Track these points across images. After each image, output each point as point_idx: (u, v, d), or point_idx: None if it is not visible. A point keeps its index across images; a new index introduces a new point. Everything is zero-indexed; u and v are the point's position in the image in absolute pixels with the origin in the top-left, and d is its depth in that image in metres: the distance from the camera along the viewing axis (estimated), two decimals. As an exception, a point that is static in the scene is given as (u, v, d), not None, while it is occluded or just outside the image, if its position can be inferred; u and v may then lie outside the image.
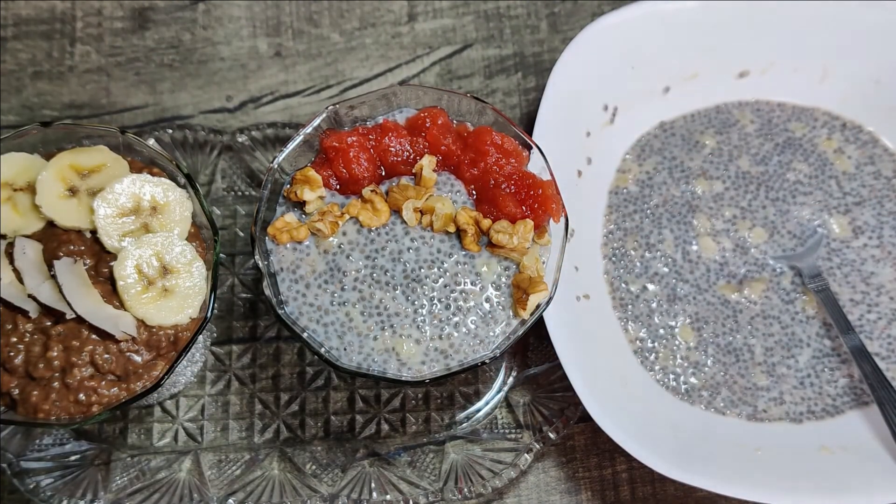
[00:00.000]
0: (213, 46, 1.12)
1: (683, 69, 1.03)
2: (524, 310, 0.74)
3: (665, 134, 1.05)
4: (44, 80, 1.09)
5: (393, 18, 1.14)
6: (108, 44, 1.11)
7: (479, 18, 1.14)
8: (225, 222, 1.01)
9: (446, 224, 0.76)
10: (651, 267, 0.98)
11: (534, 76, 1.11)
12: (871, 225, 0.99)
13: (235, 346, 0.97)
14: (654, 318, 0.96)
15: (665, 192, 1.01)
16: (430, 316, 0.75)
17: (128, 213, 0.75)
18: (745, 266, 0.98)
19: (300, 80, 1.11)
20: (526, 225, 0.75)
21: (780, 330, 0.95)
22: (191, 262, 0.76)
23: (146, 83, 1.10)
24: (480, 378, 0.96)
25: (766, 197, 1.01)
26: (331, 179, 0.79)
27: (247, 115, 1.09)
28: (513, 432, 0.94)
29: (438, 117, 0.79)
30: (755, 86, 1.05)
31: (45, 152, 0.78)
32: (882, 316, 0.95)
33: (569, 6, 1.15)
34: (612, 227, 1.00)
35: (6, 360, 0.71)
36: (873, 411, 0.90)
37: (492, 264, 0.77)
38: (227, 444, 0.93)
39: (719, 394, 0.93)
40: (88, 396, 0.72)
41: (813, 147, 1.03)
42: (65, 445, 0.91)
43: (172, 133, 1.01)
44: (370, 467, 0.92)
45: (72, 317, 0.71)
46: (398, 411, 0.95)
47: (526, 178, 0.78)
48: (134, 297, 0.73)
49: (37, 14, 1.13)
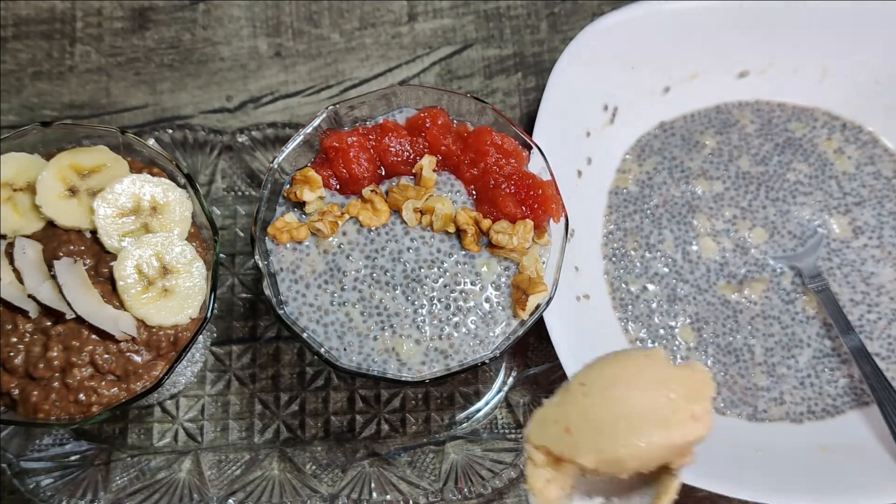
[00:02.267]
0: (213, 46, 1.12)
1: (683, 69, 1.03)
2: (524, 310, 0.74)
3: (665, 134, 1.05)
4: (44, 80, 1.09)
5: (393, 18, 1.14)
6: (108, 44, 1.11)
7: (479, 18, 1.14)
8: (225, 222, 1.01)
9: (446, 224, 0.76)
10: (651, 267, 0.98)
11: (534, 76, 1.11)
12: (871, 225, 0.99)
13: (235, 346, 0.97)
14: (654, 318, 0.96)
15: (665, 192, 1.01)
16: (430, 316, 0.75)
17: (128, 213, 0.75)
18: (746, 266, 0.98)
19: (300, 80, 1.11)
20: (526, 225, 0.75)
21: (780, 330, 0.95)
22: (191, 262, 0.76)
23: (146, 83, 1.10)
24: (480, 378, 0.96)
25: (766, 197, 1.01)
26: (331, 179, 0.79)
27: (247, 115, 1.09)
28: (513, 432, 0.94)
29: (438, 117, 0.79)
30: (755, 86, 1.05)
31: (45, 152, 0.78)
32: (882, 316, 0.95)
33: (569, 6, 1.15)
34: (612, 227, 1.00)
35: (6, 360, 0.71)
36: (873, 411, 0.90)
37: (492, 264, 0.77)
38: (227, 444, 0.93)
39: (719, 394, 0.93)
40: (88, 396, 0.72)
41: (813, 147, 1.03)
42: (65, 445, 0.91)
43: (172, 133, 1.01)
44: (370, 467, 0.92)
45: (72, 317, 0.71)
46: (398, 411, 0.95)
47: (526, 179, 0.78)
48: (134, 297, 0.73)
49: (37, 14, 1.13)
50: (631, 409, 0.56)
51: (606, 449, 0.54)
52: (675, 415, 0.55)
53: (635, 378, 0.57)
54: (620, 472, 0.55)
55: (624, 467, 0.55)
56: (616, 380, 0.58)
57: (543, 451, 0.57)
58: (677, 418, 0.55)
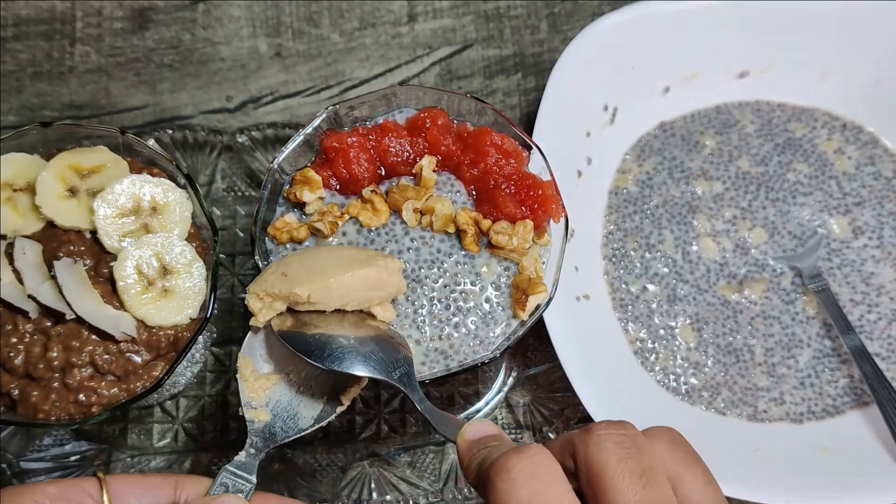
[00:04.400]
0: (213, 46, 1.12)
1: (683, 69, 1.03)
2: (523, 311, 0.74)
3: (665, 134, 1.05)
4: (44, 80, 1.09)
5: (393, 18, 1.14)
6: (108, 44, 1.11)
7: (479, 18, 1.14)
8: (225, 222, 1.01)
9: (446, 224, 0.76)
10: (651, 267, 0.98)
11: (534, 76, 1.11)
12: (871, 225, 0.99)
13: (235, 346, 0.97)
14: (654, 318, 0.96)
15: (665, 192, 1.01)
16: (430, 316, 0.75)
17: (128, 213, 0.75)
18: (746, 266, 0.98)
19: (300, 80, 1.11)
20: (526, 225, 0.75)
21: (780, 330, 0.95)
22: (191, 262, 0.76)
23: (146, 83, 1.10)
24: (480, 378, 0.96)
25: (766, 197, 1.01)
26: (331, 180, 0.79)
27: (247, 116, 1.09)
28: (513, 433, 0.94)
29: (438, 117, 0.79)
30: (755, 86, 1.05)
31: (45, 152, 0.78)
32: (882, 316, 0.95)
33: (569, 6, 1.15)
34: (612, 227, 1.00)
35: (6, 360, 0.71)
36: (873, 411, 0.90)
37: (492, 265, 0.77)
38: (227, 444, 0.93)
39: (720, 394, 0.93)
40: (88, 397, 0.72)
41: (813, 147, 1.03)
42: (65, 445, 0.91)
43: (172, 133, 1.01)
44: (370, 468, 0.92)
45: (72, 317, 0.71)
46: (398, 412, 0.95)
47: (526, 179, 0.78)
48: (134, 298, 0.73)
49: (37, 14, 1.13)
50: (339, 255, 0.70)
51: (317, 280, 0.66)
52: (375, 260, 0.69)
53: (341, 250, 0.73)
54: (329, 302, 0.66)
55: (331, 297, 0.66)
56: (324, 250, 0.72)
57: (263, 294, 0.67)
58: (376, 262, 0.69)
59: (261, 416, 0.67)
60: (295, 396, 0.69)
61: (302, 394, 0.69)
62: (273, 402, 0.69)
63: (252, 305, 0.68)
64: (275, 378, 0.69)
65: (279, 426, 0.68)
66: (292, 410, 0.69)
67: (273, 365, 0.70)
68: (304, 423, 0.68)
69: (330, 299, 0.67)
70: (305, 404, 0.69)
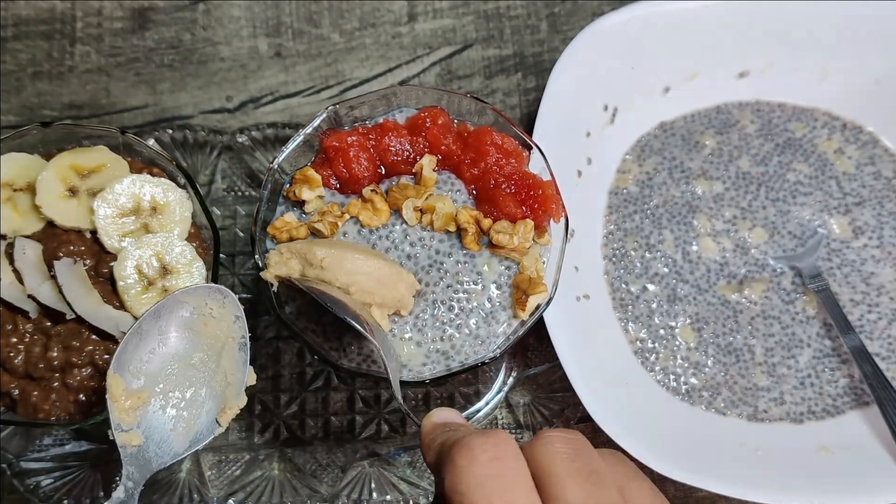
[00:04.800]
0: (213, 46, 1.12)
1: (683, 69, 1.03)
2: (524, 310, 0.74)
3: (665, 134, 1.05)
4: (44, 80, 1.09)
5: (393, 18, 1.14)
6: (108, 44, 1.11)
7: (479, 18, 1.14)
8: (225, 222, 1.01)
9: (447, 223, 0.76)
10: (651, 267, 0.98)
11: (534, 76, 1.11)
12: (871, 225, 0.99)
13: (235, 346, 0.97)
14: (654, 318, 0.96)
15: (665, 192, 1.01)
16: (433, 318, 0.75)
17: (128, 213, 0.75)
18: (746, 266, 0.98)
19: (300, 80, 1.11)
20: (526, 225, 0.75)
21: (780, 330, 0.95)
22: (191, 262, 0.76)
23: (146, 83, 1.10)
24: (480, 378, 0.96)
25: (766, 197, 1.01)
26: (331, 179, 0.79)
27: (247, 116, 1.09)
28: (513, 433, 0.94)
29: (438, 117, 0.79)
30: (755, 86, 1.05)
31: (45, 152, 0.79)
32: (882, 316, 0.95)
33: (569, 6, 1.15)
34: (612, 227, 1.00)
35: (6, 360, 0.71)
36: (873, 411, 0.90)
37: (493, 264, 0.77)
38: (227, 444, 0.93)
39: (720, 394, 0.93)
40: (88, 396, 0.72)
41: (813, 147, 1.03)
42: (65, 445, 0.91)
43: (172, 133, 1.01)
44: (370, 467, 0.92)
45: (72, 317, 0.71)
46: (398, 412, 0.95)
47: (526, 179, 0.78)
48: (134, 298, 0.73)
49: (37, 14, 1.13)
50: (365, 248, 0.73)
51: (336, 249, 0.69)
52: (395, 264, 0.72)
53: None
54: (337, 273, 0.68)
55: (341, 268, 0.68)
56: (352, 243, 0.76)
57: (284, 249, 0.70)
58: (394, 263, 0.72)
59: (133, 441, 0.63)
60: (167, 416, 0.65)
61: (176, 412, 0.65)
62: (144, 422, 0.64)
63: (271, 257, 0.70)
64: (145, 395, 0.64)
65: (153, 450, 0.63)
66: (165, 432, 0.64)
67: (143, 379, 0.65)
68: (178, 447, 0.64)
69: (339, 271, 0.68)
70: (180, 425, 0.65)
